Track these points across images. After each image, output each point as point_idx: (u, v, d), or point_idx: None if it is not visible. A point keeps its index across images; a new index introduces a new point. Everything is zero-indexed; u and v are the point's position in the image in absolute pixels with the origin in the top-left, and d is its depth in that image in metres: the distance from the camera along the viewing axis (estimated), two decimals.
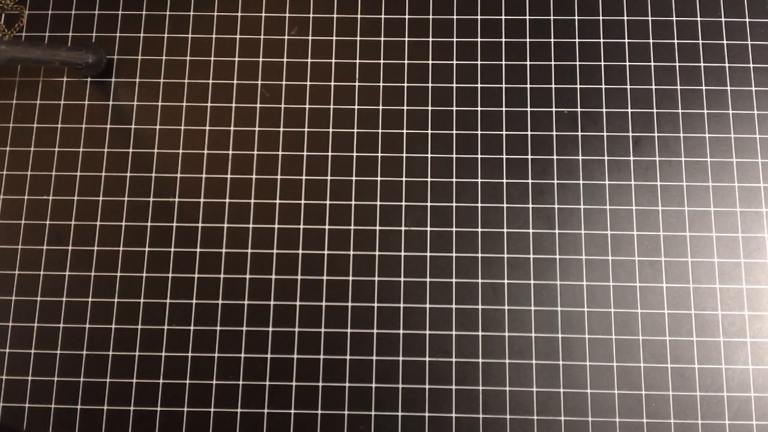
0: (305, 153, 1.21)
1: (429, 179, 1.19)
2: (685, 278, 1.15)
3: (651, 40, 1.23)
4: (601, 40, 1.24)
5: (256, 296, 1.16)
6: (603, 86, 1.22)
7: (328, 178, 1.20)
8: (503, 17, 1.25)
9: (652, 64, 1.22)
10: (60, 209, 1.20)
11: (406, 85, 1.23)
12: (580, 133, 1.20)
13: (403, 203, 1.19)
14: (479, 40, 1.25)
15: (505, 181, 1.19)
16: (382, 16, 1.26)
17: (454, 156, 1.20)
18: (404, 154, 1.20)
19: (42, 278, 1.17)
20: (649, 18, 1.24)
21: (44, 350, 1.15)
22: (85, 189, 1.20)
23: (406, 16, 1.26)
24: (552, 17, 1.25)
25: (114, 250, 1.18)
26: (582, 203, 1.18)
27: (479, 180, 1.19)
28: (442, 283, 1.15)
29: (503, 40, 1.24)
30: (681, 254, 1.16)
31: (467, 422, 1.11)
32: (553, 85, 1.22)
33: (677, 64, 1.22)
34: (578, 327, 1.13)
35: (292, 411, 1.12)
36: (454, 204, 1.18)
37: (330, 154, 1.21)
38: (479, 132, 1.21)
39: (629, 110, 1.21)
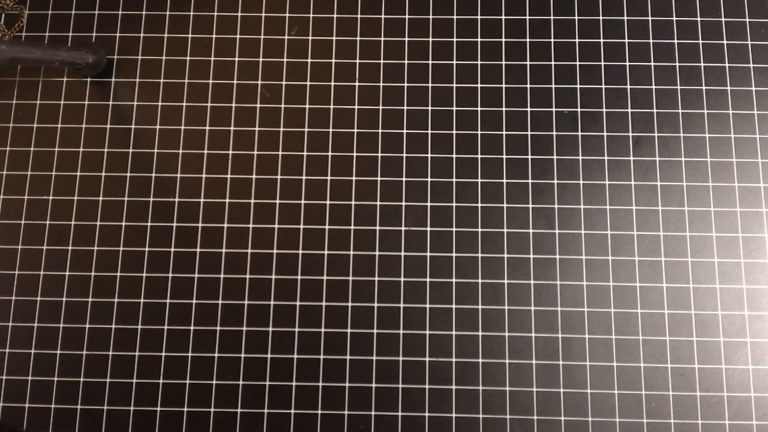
0: (305, 153, 1.21)
1: (429, 179, 1.19)
2: (685, 278, 1.15)
3: (651, 40, 1.23)
4: (601, 40, 1.24)
5: (256, 296, 1.16)
6: (603, 86, 1.22)
7: (328, 178, 1.20)
8: (503, 17, 1.25)
9: (652, 64, 1.22)
10: (60, 209, 1.20)
11: (406, 85, 1.23)
12: (580, 133, 1.20)
13: (403, 203, 1.19)
14: (479, 40, 1.25)
15: (505, 181, 1.19)
16: (382, 16, 1.26)
17: (454, 156, 1.20)
18: (404, 154, 1.20)
19: (42, 278, 1.17)
20: (649, 18, 1.24)
21: (44, 350, 1.15)
22: (85, 189, 1.20)
23: (406, 16, 1.26)
24: (552, 17, 1.25)
25: (114, 250, 1.18)
26: (582, 203, 1.18)
27: (479, 180, 1.19)
28: (442, 283, 1.15)
29: (503, 40, 1.24)
30: (681, 254, 1.16)
31: (467, 422, 1.11)
32: (553, 85, 1.22)
33: (677, 64, 1.22)
34: (578, 327, 1.13)
35: (292, 411, 1.12)
36: (454, 204, 1.18)
37: (330, 154, 1.21)
38: (479, 132, 1.21)
39: (629, 110, 1.21)
